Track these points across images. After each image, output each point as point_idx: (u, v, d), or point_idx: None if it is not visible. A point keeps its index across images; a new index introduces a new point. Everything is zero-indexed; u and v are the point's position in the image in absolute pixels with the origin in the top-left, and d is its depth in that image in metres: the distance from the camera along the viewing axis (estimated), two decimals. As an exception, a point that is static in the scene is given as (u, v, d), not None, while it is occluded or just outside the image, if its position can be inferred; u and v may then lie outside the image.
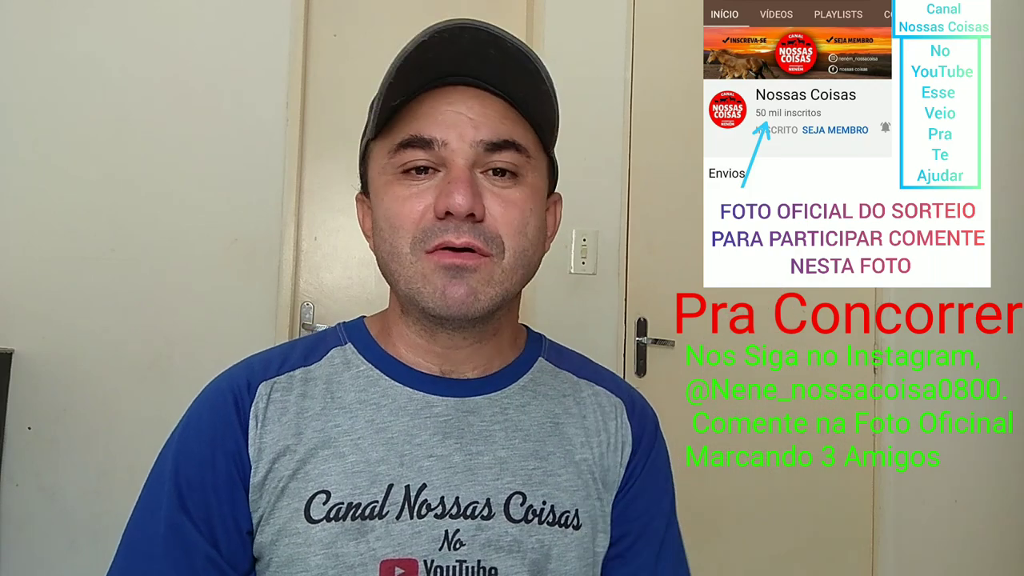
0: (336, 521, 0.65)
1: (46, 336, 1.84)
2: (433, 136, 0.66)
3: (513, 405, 0.72)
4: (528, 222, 0.68)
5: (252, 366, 0.72)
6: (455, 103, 0.67)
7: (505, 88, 0.68)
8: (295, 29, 2.04)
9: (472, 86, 0.68)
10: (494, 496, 0.67)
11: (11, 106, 1.88)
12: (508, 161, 0.67)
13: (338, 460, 0.66)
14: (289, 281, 2.00)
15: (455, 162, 0.66)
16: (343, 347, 0.73)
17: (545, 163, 0.73)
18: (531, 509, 0.68)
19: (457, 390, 0.71)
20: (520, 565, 0.66)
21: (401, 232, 0.67)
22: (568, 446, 0.72)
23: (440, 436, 0.69)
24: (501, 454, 0.69)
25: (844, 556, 2.24)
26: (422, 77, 0.67)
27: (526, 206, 0.68)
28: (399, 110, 0.69)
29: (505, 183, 0.67)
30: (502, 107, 0.68)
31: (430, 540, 0.65)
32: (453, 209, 0.64)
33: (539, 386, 0.75)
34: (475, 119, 0.67)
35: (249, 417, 0.68)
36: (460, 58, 0.66)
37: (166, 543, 0.65)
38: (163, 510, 0.66)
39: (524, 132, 0.69)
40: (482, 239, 0.65)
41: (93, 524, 1.81)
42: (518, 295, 0.73)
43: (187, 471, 0.67)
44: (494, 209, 0.66)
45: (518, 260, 0.68)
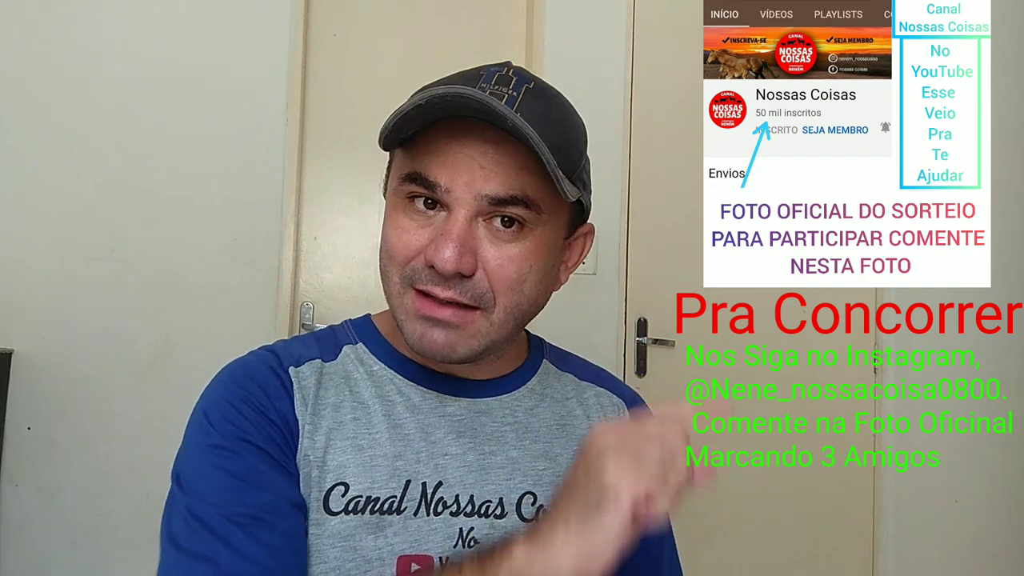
0: (355, 514, 0.64)
1: (46, 336, 1.84)
2: (438, 181, 0.62)
3: (523, 408, 0.73)
4: (526, 279, 0.65)
5: (274, 350, 0.71)
6: (469, 144, 0.62)
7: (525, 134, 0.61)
8: (295, 29, 2.04)
9: (491, 123, 0.62)
10: (507, 496, 0.68)
11: (11, 106, 1.88)
12: (515, 214, 0.63)
13: (356, 452, 0.66)
14: (289, 281, 2.00)
15: (455, 212, 0.62)
16: (355, 346, 0.73)
17: (566, 213, 0.68)
18: (542, 509, 0.69)
19: (469, 391, 0.72)
20: None
21: (393, 263, 0.66)
22: (576, 447, 0.73)
23: (454, 435, 0.69)
24: (513, 455, 0.70)
25: (844, 556, 2.24)
26: (434, 114, 0.62)
27: (525, 263, 0.64)
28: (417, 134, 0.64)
29: (509, 236, 0.64)
30: (519, 156, 0.62)
31: (445, 537, 0.66)
32: (438, 266, 0.62)
33: (545, 389, 0.76)
34: (487, 168, 0.62)
35: (292, 388, 0.67)
36: (483, 95, 0.60)
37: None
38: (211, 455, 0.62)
39: (539, 185, 0.63)
40: (469, 295, 0.63)
41: (93, 524, 1.81)
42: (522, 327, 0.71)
43: (232, 427, 0.63)
44: (489, 264, 0.63)
45: (509, 315, 0.66)
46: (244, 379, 0.67)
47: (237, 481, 0.61)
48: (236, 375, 0.68)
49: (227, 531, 0.58)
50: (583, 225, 0.73)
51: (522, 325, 0.69)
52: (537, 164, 0.62)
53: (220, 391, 0.66)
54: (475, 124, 0.62)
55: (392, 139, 0.64)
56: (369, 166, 2.10)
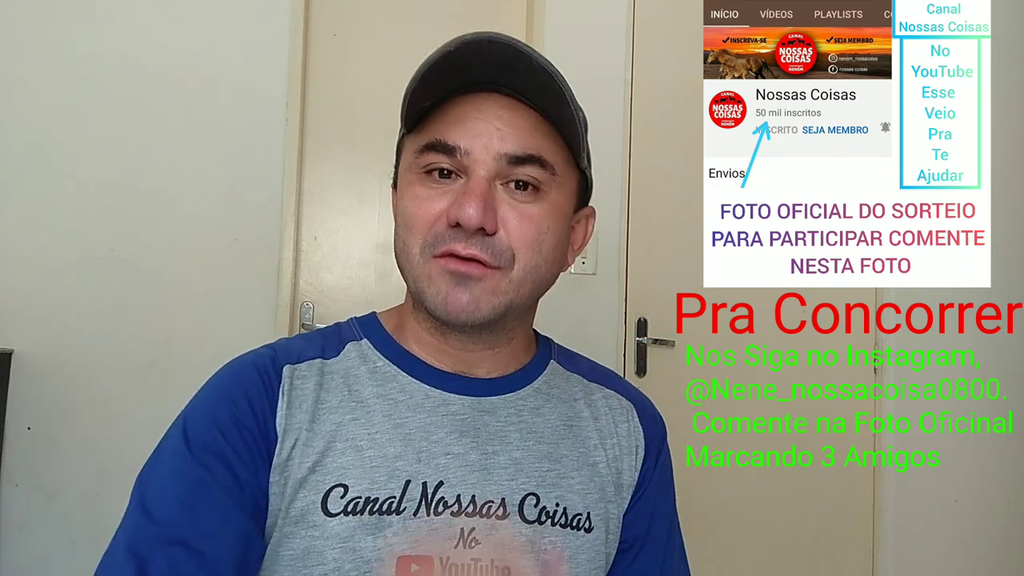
0: (353, 515, 0.64)
1: (46, 336, 1.84)
2: (457, 144, 0.65)
3: (528, 407, 0.73)
4: (544, 239, 0.67)
5: (274, 348, 0.71)
6: (485, 111, 0.66)
7: (536, 101, 0.67)
8: (295, 29, 2.04)
9: (504, 94, 0.67)
10: (509, 496, 0.68)
11: (11, 106, 1.88)
12: (531, 175, 0.66)
13: (356, 453, 0.66)
14: (289, 281, 2.00)
15: (475, 172, 0.65)
16: (359, 342, 0.73)
17: (574, 180, 0.72)
18: (544, 511, 0.68)
19: (473, 389, 0.71)
20: (533, 565, 0.67)
21: (414, 232, 0.67)
22: (582, 448, 0.73)
23: (456, 434, 0.69)
24: (516, 455, 0.70)
25: (844, 556, 2.24)
26: (451, 82, 0.66)
27: (543, 223, 0.67)
28: (431, 110, 0.68)
29: (526, 197, 0.67)
30: (533, 119, 0.67)
31: (446, 537, 0.65)
32: (463, 221, 0.64)
33: (552, 389, 0.76)
34: (503, 129, 0.66)
35: (278, 394, 0.67)
36: (490, 67, 0.65)
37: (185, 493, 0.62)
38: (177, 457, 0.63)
39: (553, 147, 0.67)
40: (489, 252, 0.65)
41: (93, 524, 1.81)
42: (533, 307, 0.73)
43: (203, 437, 0.64)
44: (509, 222, 0.66)
45: (528, 275, 0.67)
46: (230, 385, 0.67)
47: (188, 497, 0.62)
48: (224, 381, 0.68)
49: (150, 554, 0.60)
50: (586, 207, 0.76)
51: (537, 293, 0.70)
52: (548, 128, 0.67)
53: (204, 397, 0.67)
54: (488, 95, 0.66)
55: (416, 103, 0.67)
56: (369, 166, 2.10)
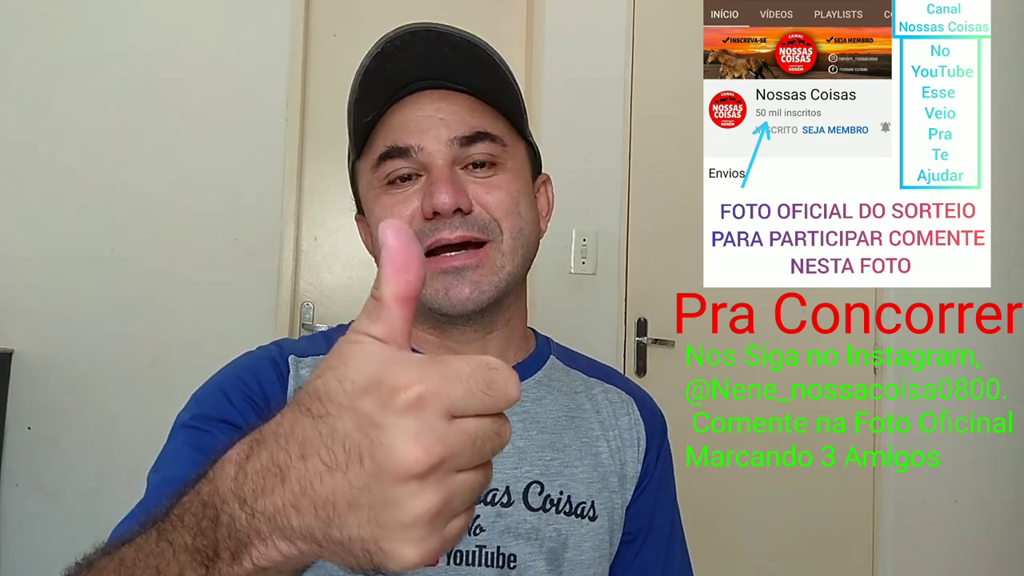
0: None
1: (46, 336, 1.84)
2: (409, 143, 0.68)
3: (529, 398, 0.74)
4: (519, 202, 0.70)
5: (279, 344, 0.73)
6: (424, 107, 0.69)
7: (467, 82, 0.70)
8: (295, 29, 2.04)
9: (437, 88, 0.70)
10: (513, 484, 0.69)
11: (11, 106, 1.88)
12: (485, 152, 0.69)
13: None
14: (289, 281, 2.00)
15: (435, 163, 0.68)
16: None
17: (523, 149, 0.75)
18: (549, 499, 0.69)
19: None
20: (538, 553, 0.68)
21: None
22: (584, 438, 0.74)
23: None
24: (519, 444, 0.70)
25: (844, 556, 2.24)
26: (387, 89, 0.70)
27: (512, 187, 0.70)
28: (373, 126, 0.71)
29: (487, 173, 0.70)
30: (469, 101, 0.70)
31: None
32: (439, 208, 0.66)
33: (553, 382, 0.77)
34: (446, 118, 0.69)
35: (287, 378, 0.68)
36: (418, 63, 0.68)
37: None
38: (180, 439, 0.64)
39: (495, 122, 0.71)
40: (476, 228, 0.68)
41: (93, 524, 1.81)
42: (523, 284, 0.75)
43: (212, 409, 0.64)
44: (482, 198, 0.69)
45: (516, 239, 0.70)
46: (241, 368, 0.69)
47: (199, 456, 0.61)
48: (235, 364, 0.70)
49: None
50: (540, 175, 0.79)
51: (528, 258, 0.72)
52: (486, 106, 0.70)
53: (216, 377, 0.69)
54: (421, 93, 0.70)
55: (360, 119, 0.70)
56: (369, 166, 2.11)
